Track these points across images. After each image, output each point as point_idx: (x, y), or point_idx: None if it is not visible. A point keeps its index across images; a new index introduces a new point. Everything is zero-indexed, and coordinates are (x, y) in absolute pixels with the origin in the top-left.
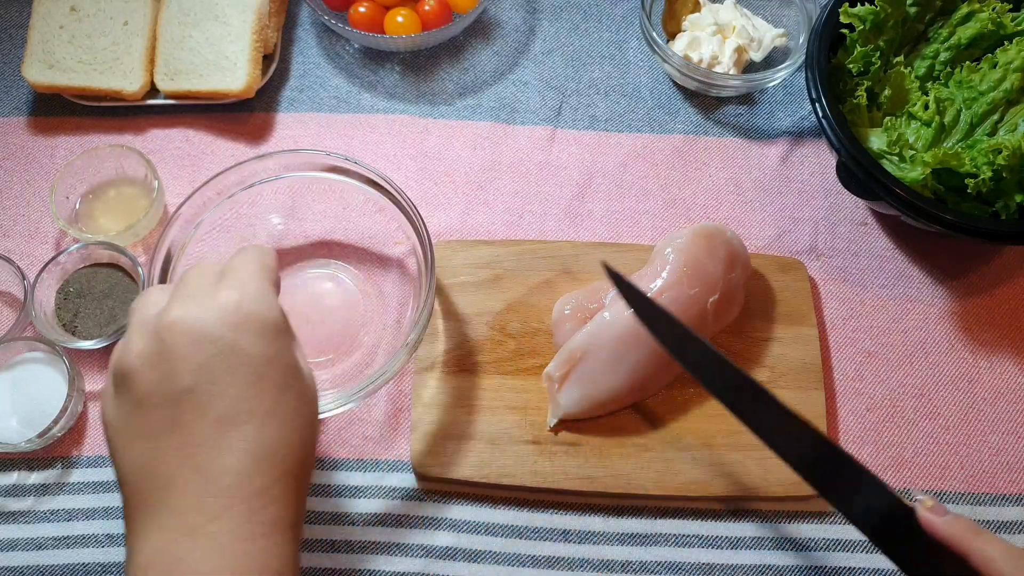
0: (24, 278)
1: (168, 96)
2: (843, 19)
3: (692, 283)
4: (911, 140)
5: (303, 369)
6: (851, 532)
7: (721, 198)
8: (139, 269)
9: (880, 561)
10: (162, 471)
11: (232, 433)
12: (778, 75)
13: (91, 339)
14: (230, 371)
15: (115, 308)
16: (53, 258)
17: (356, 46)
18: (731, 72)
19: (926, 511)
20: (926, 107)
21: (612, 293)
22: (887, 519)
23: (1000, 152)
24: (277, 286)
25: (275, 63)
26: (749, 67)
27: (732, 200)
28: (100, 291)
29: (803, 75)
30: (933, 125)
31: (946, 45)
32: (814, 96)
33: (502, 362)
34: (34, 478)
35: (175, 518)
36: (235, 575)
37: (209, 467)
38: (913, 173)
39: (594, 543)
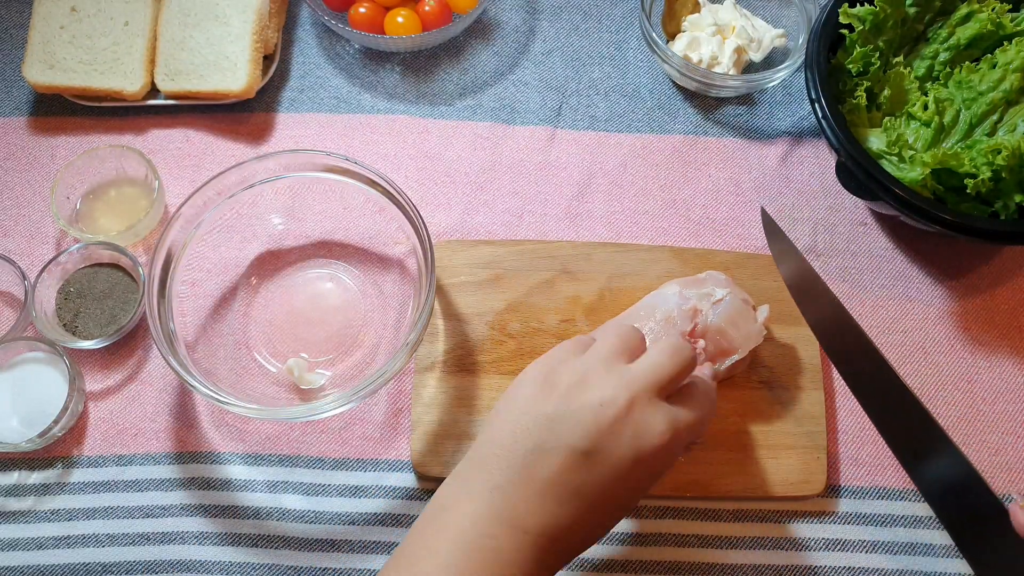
0: (25, 278)
1: (168, 96)
2: (842, 19)
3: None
4: (910, 140)
5: (643, 492)
6: (851, 532)
7: (721, 198)
8: (139, 269)
9: (880, 560)
10: (522, 471)
11: (574, 500)
12: (778, 75)
13: (92, 339)
14: (613, 467)
15: (115, 308)
16: (54, 258)
17: (356, 46)
18: (731, 72)
19: (1021, 511)
20: (925, 107)
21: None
22: (977, 516)
23: (999, 152)
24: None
25: (275, 63)
26: (749, 67)
27: (732, 200)
28: (101, 291)
29: (803, 75)
30: (932, 125)
31: (945, 45)
32: (813, 96)
33: (502, 362)
34: (34, 478)
35: (507, 510)
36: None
37: (545, 503)
38: (912, 173)
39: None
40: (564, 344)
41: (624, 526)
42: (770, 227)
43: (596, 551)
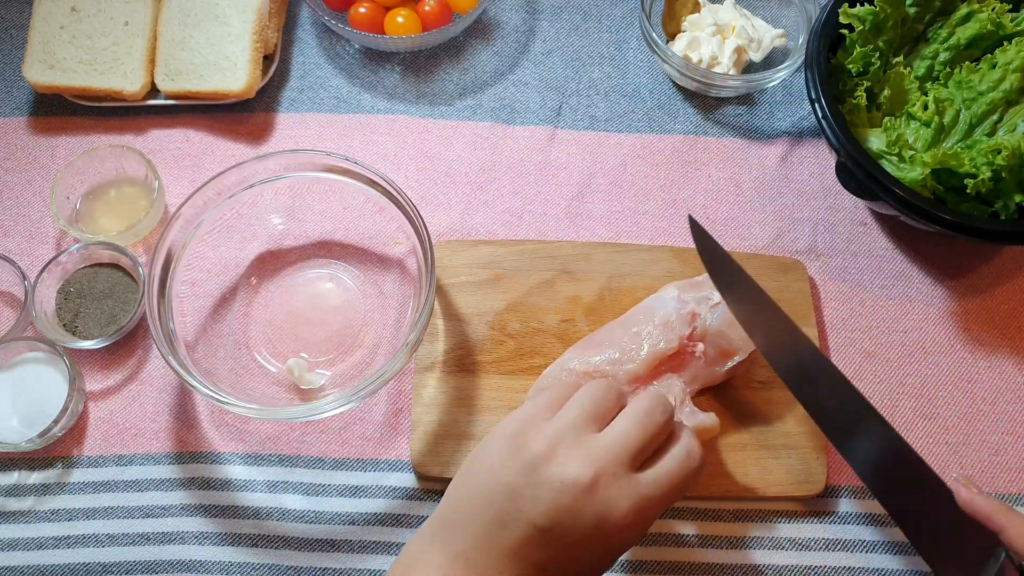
0: (25, 278)
1: (168, 96)
2: (842, 19)
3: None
4: (910, 140)
5: (603, 568)
6: (851, 532)
7: (721, 198)
8: (139, 269)
9: (880, 560)
10: (480, 536)
11: (532, 573)
12: (777, 75)
13: (92, 339)
14: (575, 546)
15: (115, 308)
16: (54, 258)
17: (356, 46)
18: (731, 72)
19: (964, 488)
20: (925, 107)
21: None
22: (920, 496)
23: (999, 152)
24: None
25: (275, 63)
26: (749, 67)
27: (731, 200)
28: (101, 291)
29: (802, 75)
30: (932, 125)
31: (945, 45)
32: (813, 96)
33: (502, 362)
34: (34, 478)
35: (461, 566)
36: None
37: (493, 567)
38: (912, 173)
39: None
40: (538, 400)
41: None
42: (698, 233)
43: None
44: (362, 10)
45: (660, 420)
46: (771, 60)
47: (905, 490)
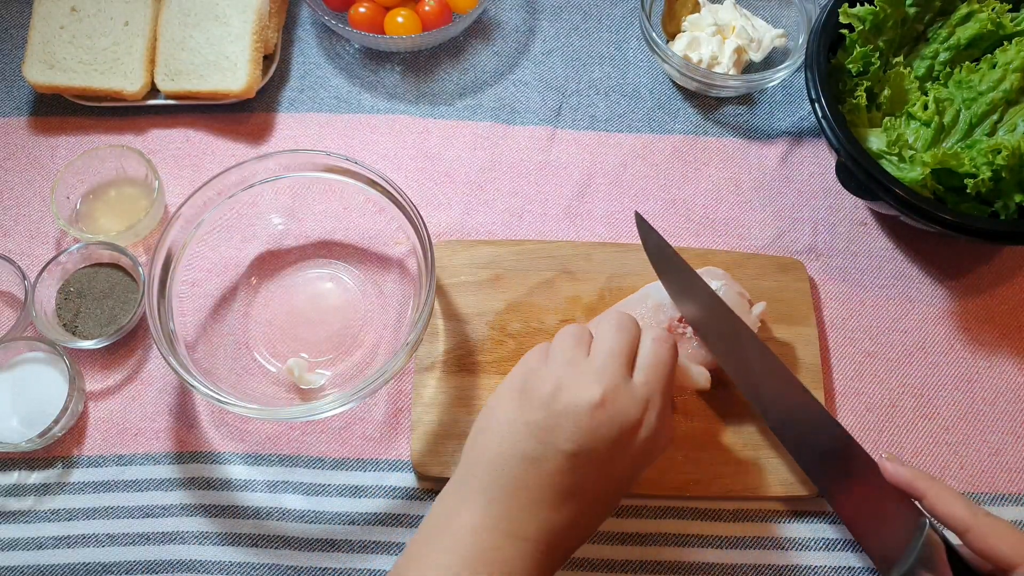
0: (25, 278)
1: (168, 96)
2: (842, 19)
3: None
4: (910, 140)
5: (627, 485)
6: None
7: (721, 198)
8: (139, 269)
9: None
10: (515, 483)
11: (569, 502)
12: (778, 75)
13: (92, 339)
14: (599, 465)
15: (115, 308)
16: (54, 258)
17: (356, 46)
18: (731, 72)
19: (888, 461)
20: (925, 107)
21: None
22: (848, 470)
23: (999, 152)
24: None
25: (275, 63)
26: (749, 67)
27: (731, 200)
28: (101, 291)
29: (802, 75)
30: (932, 125)
31: (945, 45)
32: (813, 96)
33: (502, 362)
34: (34, 478)
35: (504, 520)
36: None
37: (542, 509)
38: (912, 173)
39: (594, 543)
40: (528, 356)
41: (625, 526)
42: (643, 228)
43: (597, 551)
44: (362, 10)
45: (630, 326)
46: (771, 60)
47: (835, 467)
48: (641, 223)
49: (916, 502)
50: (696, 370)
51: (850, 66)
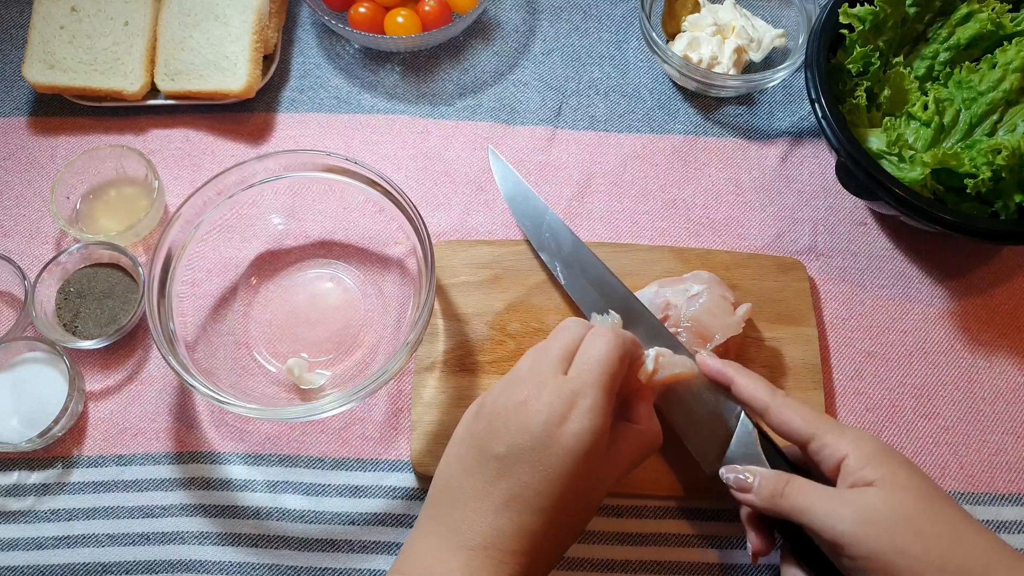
0: (25, 278)
1: (168, 96)
2: (842, 19)
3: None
4: (910, 140)
5: (591, 489)
6: None
7: (721, 198)
8: (139, 269)
9: None
10: (458, 495)
11: (511, 505)
12: (777, 75)
13: (91, 339)
14: (530, 464)
15: (115, 308)
16: (54, 258)
17: (356, 46)
18: (731, 72)
19: (703, 355)
20: (925, 107)
21: None
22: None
23: (999, 152)
24: (617, 386)
25: (275, 63)
26: (749, 67)
27: (732, 200)
28: (100, 291)
29: (802, 75)
30: (932, 125)
31: (945, 45)
32: (813, 96)
33: (502, 362)
34: (34, 478)
35: (449, 533)
36: None
37: (484, 515)
38: (912, 173)
39: (594, 543)
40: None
41: (625, 526)
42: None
43: (596, 551)
44: (362, 10)
45: (571, 326)
46: (771, 60)
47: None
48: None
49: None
50: (679, 359)
51: (850, 66)
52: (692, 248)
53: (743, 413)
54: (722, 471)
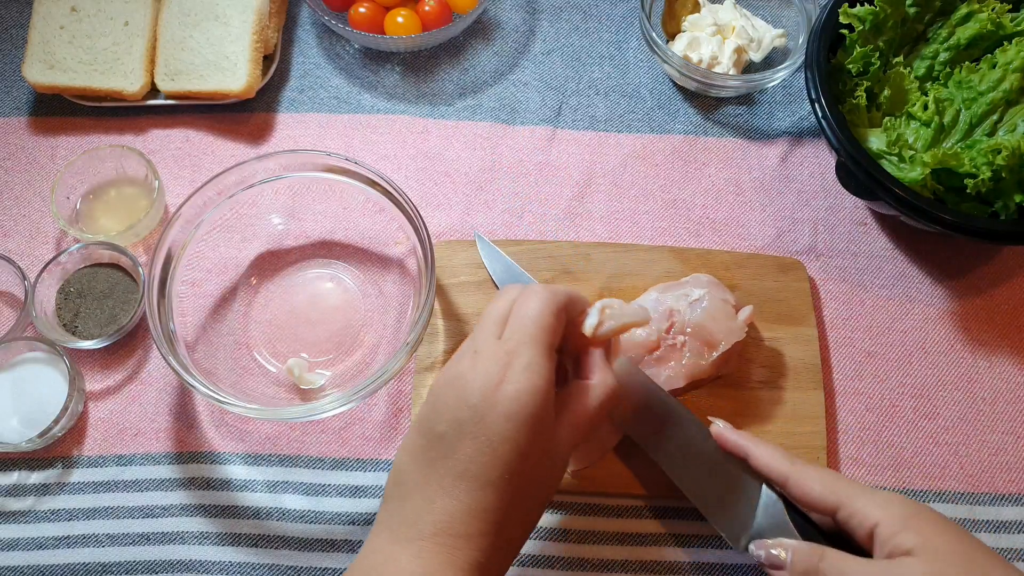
0: (25, 278)
1: (169, 96)
2: (842, 19)
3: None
4: (910, 140)
5: (545, 455)
6: None
7: (721, 198)
8: (140, 269)
9: None
10: (408, 485)
11: (459, 484)
12: (777, 75)
13: (92, 339)
14: (472, 435)
15: (115, 308)
16: (54, 258)
17: (356, 46)
18: (731, 72)
19: (715, 425)
20: (925, 107)
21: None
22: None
23: (999, 152)
24: (555, 342)
25: (275, 63)
26: (749, 67)
27: (732, 200)
28: (100, 291)
29: (802, 75)
30: (932, 125)
31: (945, 45)
32: (813, 96)
33: None
34: (34, 478)
35: (400, 526)
36: None
37: (433, 500)
38: (912, 173)
39: (594, 543)
40: None
41: (625, 526)
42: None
43: (596, 551)
44: (362, 10)
45: (508, 290)
46: (771, 60)
47: (670, 438)
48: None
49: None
50: (628, 309)
51: (850, 66)
52: (692, 248)
53: (765, 484)
54: (751, 547)
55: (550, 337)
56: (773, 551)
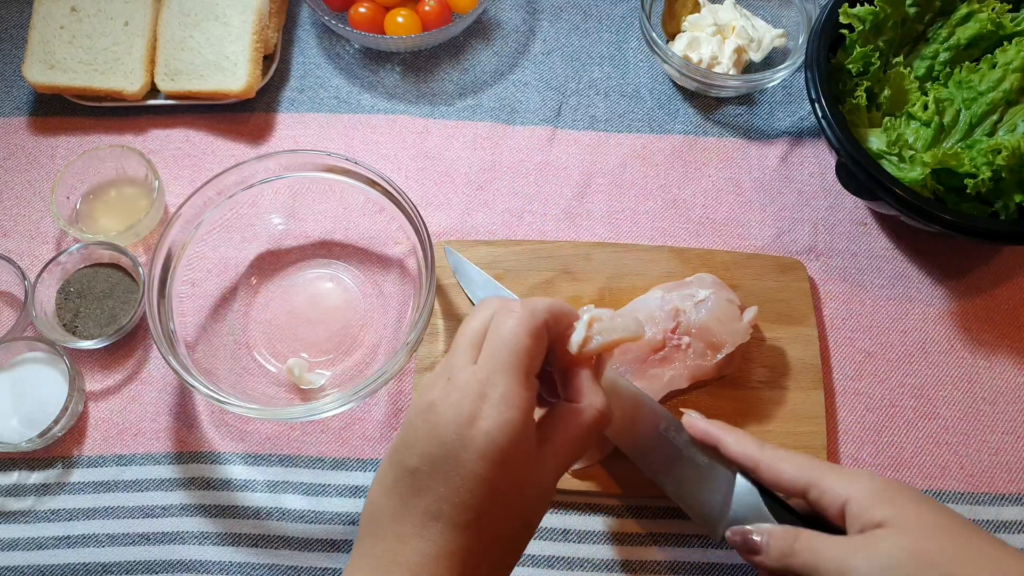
0: (25, 278)
1: (169, 96)
2: (842, 19)
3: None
4: (910, 140)
5: (526, 487)
6: None
7: (721, 198)
8: (140, 269)
9: None
10: (382, 522)
11: (433, 525)
12: (777, 75)
13: (91, 339)
14: (445, 474)
15: (115, 308)
16: (54, 258)
17: (356, 46)
18: (731, 72)
19: (687, 416)
20: (925, 107)
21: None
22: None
23: (999, 152)
24: (534, 366)
25: (275, 63)
26: (749, 67)
27: (732, 200)
28: (100, 291)
29: (802, 75)
30: (932, 125)
31: (945, 45)
32: (813, 96)
33: None
34: (34, 478)
35: (375, 567)
36: None
37: (406, 540)
38: (912, 173)
39: (594, 543)
40: None
41: (625, 526)
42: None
43: (597, 551)
44: (362, 10)
45: (480, 310)
46: (771, 60)
47: (648, 438)
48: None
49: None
50: (618, 322)
51: (850, 66)
52: (692, 248)
53: (738, 471)
54: (728, 533)
55: (528, 362)
56: (750, 536)
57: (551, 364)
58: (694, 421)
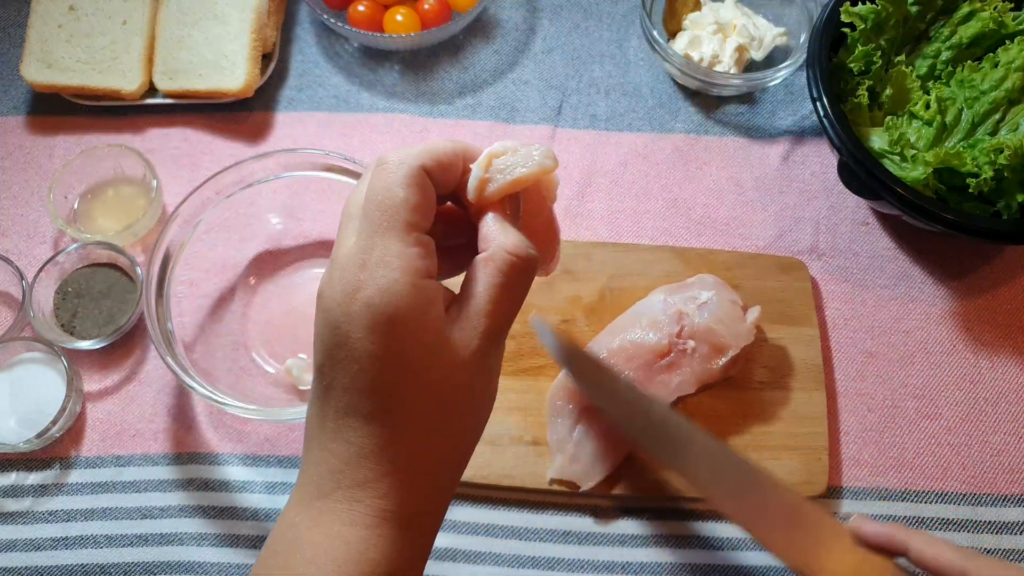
0: (22, 278)
1: (167, 95)
2: (844, 18)
3: None
4: (912, 139)
5: (441, 364)
6: None
7: (722, 198)
8: (137, 269)
9: None
10: (309, 435)
11: (345, 421)
12: (779, 74)
13: (89, 339)
14: (341, 361)
15: (113, 308)
16: (51, 258)
17: (355, 45)
18: (732, 71)
19: (860, 522)
20: (927, 106)
21: None
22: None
23: (1001, 151)
24: (417, 219)
25: (274, 62)
26: (750, 66)
27: (733, 200)
28: (98, 291)
29: (804, 74)
30: (934, 124)
31: (947, 44)
32: (815, 95)
33: (502, 362)
34: (32, 478)
35: (301, 486)
36: (330, 552)
37: (326, 446)
38: (914, 172)
39: (594, 544)
40: None
41: (625, 527)
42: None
43: (597, 552)
44: (361, 8)
45: (367, 171)
46: (772, 59)
47: (798, 537)
48: (538, 327)
49: (900, 558)
50: (520, 156)
51: (852, 65)
52: (693, 248)
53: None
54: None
55: (406, 215)
56: None
57: (461, 222)
58: (875, 528)
